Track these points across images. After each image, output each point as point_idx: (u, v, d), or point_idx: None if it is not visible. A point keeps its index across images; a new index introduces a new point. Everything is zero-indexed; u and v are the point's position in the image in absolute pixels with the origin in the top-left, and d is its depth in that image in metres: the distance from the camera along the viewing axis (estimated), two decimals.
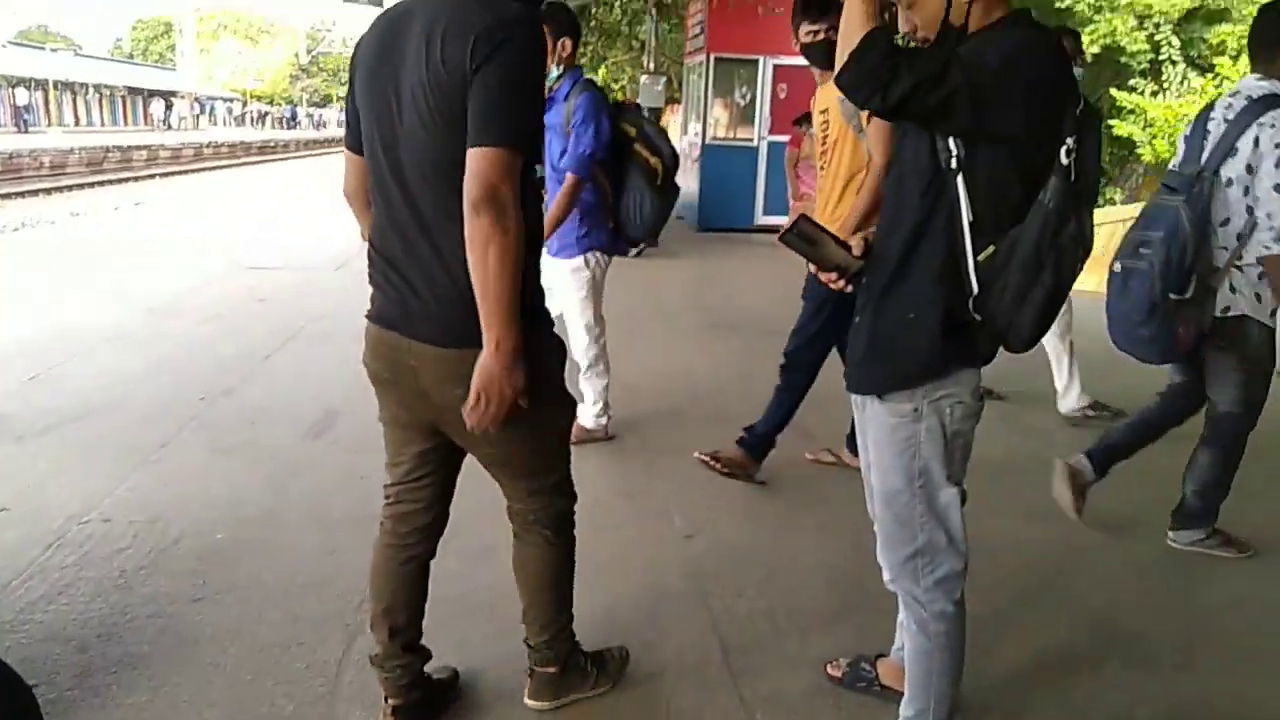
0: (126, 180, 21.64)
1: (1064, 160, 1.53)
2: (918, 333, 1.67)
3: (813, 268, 1.84)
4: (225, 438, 3.76)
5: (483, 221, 1.54)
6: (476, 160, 1.56)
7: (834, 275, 1.79)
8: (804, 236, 1.75)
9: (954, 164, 1.58)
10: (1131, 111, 13.49)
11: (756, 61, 10.84)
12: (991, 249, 1.58)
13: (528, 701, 2.15)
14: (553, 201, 3.38)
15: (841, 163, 3.21)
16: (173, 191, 19.41)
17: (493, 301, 1.58)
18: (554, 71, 3.37)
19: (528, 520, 2.05)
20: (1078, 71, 4.13)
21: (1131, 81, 14.41)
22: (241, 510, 3.09)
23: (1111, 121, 14.50)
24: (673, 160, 3.54)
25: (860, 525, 1.92)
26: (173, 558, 2.75)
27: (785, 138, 10.97)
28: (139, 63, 59.58)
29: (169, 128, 45.67)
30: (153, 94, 50.54)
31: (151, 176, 22.91)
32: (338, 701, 2.12)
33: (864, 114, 2.87)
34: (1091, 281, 2.68)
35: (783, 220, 10.59)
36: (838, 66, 1.58)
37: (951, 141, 1.57)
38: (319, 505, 3.15)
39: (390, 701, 2.01)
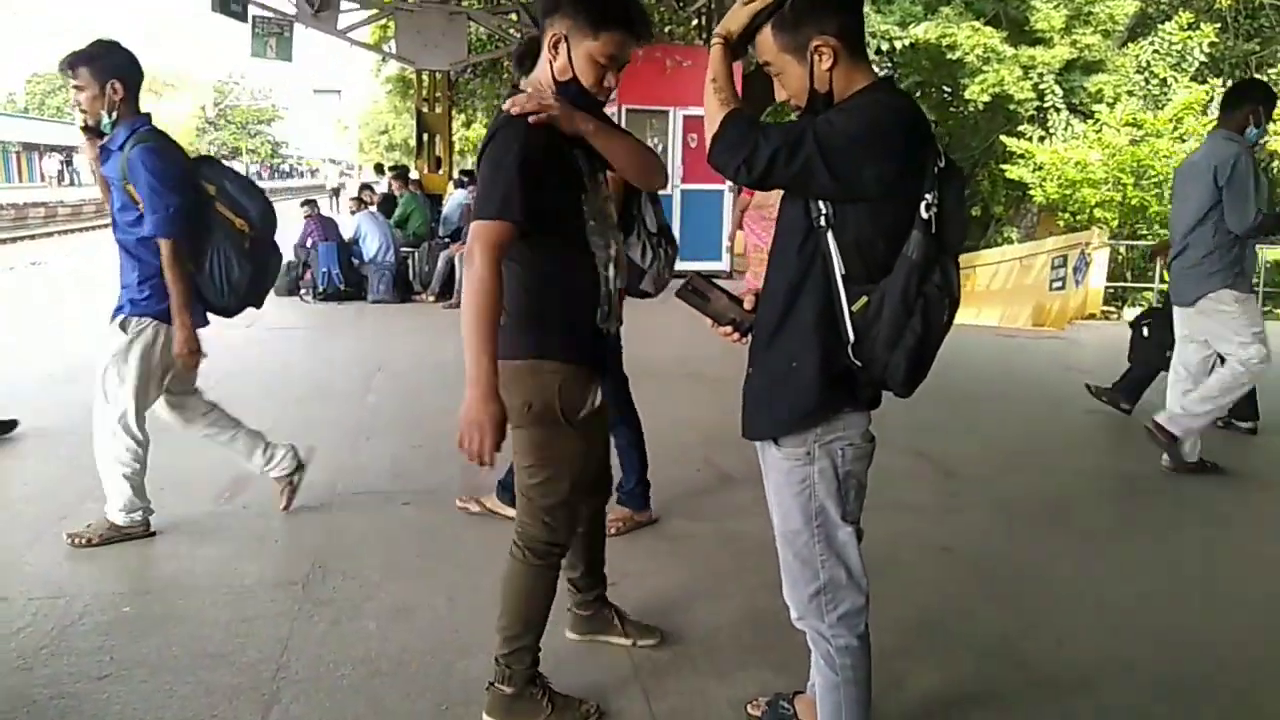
0: (21, 239, 20.78)
1: (924, 215, 1.65)
2: (799, 378, 1.77)
3: (709, 322, 1.93)
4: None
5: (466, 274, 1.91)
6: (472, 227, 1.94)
7: (728, 329, 1.89)
8: (697, 292, 1.84)
9: (823, 221, 1.69)
10: (1022, 156, 14.23)
11: (667, 112, 11.14)
12: (864, 300, 1.69)
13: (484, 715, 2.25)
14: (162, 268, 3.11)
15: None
16: (71, 249, 18.74)
17: (465, 343, 1.90)
18: (105, 119, 3.10)
19: (515, 530, 2.24)
20: (1252, 133, 4.21)
21: (1021, 127, 15.23)
22: (149, 581, 3.01)
23: (1004, 166, 15.29)
24: (264, 220, 3.27)
25: (775, 562, 1.99)
26: (76, 635, 2.65)
27: (698, 185, 11.33)
28: (34, 117, 57.52)
29: (69, 184, 44.04)
30: (49, 149, 48.81)
31: (49, 234, 22.07)
32: None
33: None
34: None
35: (699, 266, 10.85)
36: (707, 145, 1.71)
37: (820, 201, 1.69)
38: (229, 572, 3.08)
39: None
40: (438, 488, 3.86)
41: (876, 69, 1.81)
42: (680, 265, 10.47)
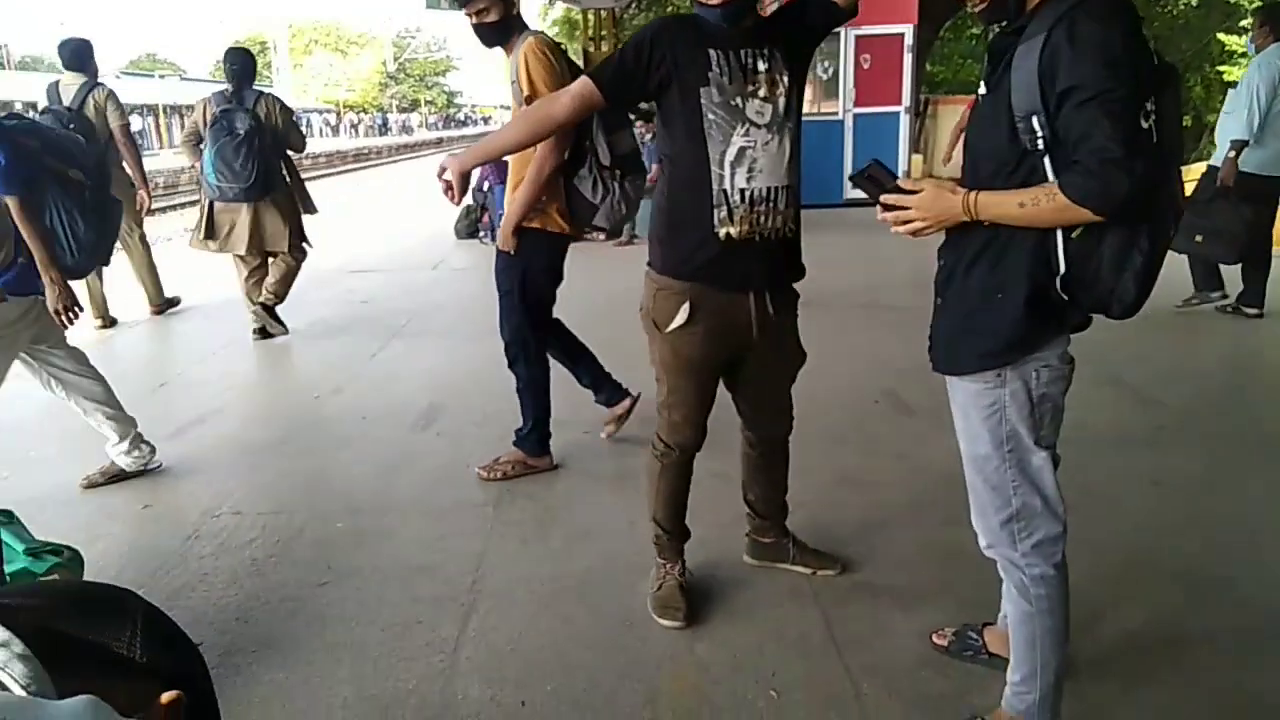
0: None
1: (1144, 124, 1.48)
2: (1004, 310, 1.66)
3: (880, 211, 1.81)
4: (339, 433, 3.97)
5: None
6: None
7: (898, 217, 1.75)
8: (873, 179, 1.76)
9: (1041, 144, 1.55)
10: (1244, 55, 12.67)
11: (838, 33, 10.64)
12: (1082, 227, 1.56)
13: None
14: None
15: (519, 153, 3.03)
16: None
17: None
18: None
19: None
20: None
21: (1244, 22, 13.54)
22: (357, 501, 3.27)
23: (1221, 68, 13.68)
24: (100, 170, 3.14)
25: (956, 496, 1.92)
26: (298, 546, 2.93)
27: (872, 109, 10.83)
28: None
29: None
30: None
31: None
32: (456, 676, 2.24)
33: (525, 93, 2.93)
34: None
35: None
36: (1072, 218, 1.54)
37: (1035, 122, 1.54)
38: (427, 494, 3.31)
39: None
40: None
41: None
42: (854, 194, 10.14)
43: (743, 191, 2.10)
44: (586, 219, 3.17)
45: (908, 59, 10.75)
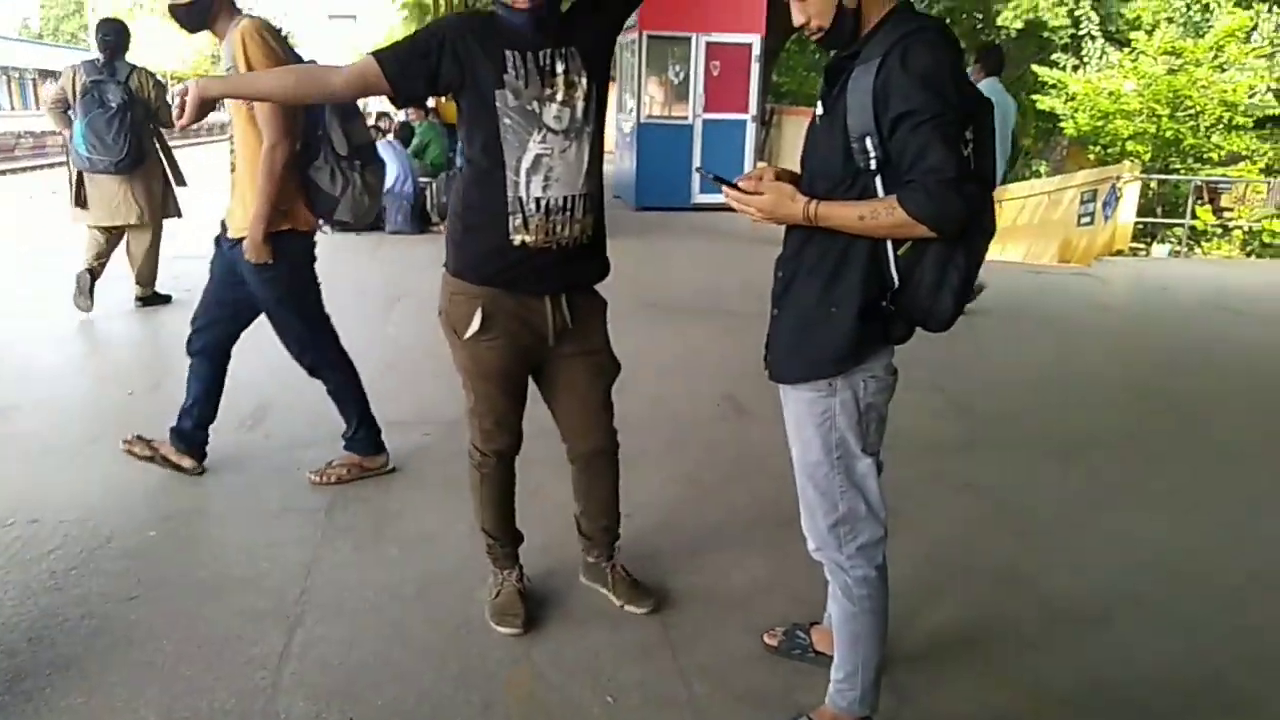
0: (41, 167, 20.76)
1: (963, 151, 1.59)
2: (836, 323, 1.74)
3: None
4: (156, 432, 3.68)
5: None
6: None
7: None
8: (720, 179, 1.82)
9: (873, 165, 1.63)
10: (1054, 86, 13.84)
11: (689, 39, 10.85)
12: (909, 243, 1.65)
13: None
14: None
15: (242, 138, 2.93)
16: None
17: None
18: None
19: None
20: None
21: (1054, 56, 14.80)
22: (174, 506, 3.06)
23: (1035, 96, 14.89)
24: None
25: (790, 498, 1.99)
26: (105, 557, 2.71)
27: (721, 115, 11.10)
28: (50, 43, 56.97)
29: None
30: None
31: (65, 163, 22.03)
32: (279, 693, 2.13)
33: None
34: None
35: (718, 198, 10.69)
36: (899, 230, 1.62)
37: (869, 143, 1.62)
38: (253, 499, 3.13)
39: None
40: (457, 418, 3.85)
41: None
42: (700, 197, 10.32)
43: (538, 200, 2.04)
44: (327, 212, 3.02)
45: (755, 68, 11.09)
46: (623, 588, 2.55)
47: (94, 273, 5.42)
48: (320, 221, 3.12)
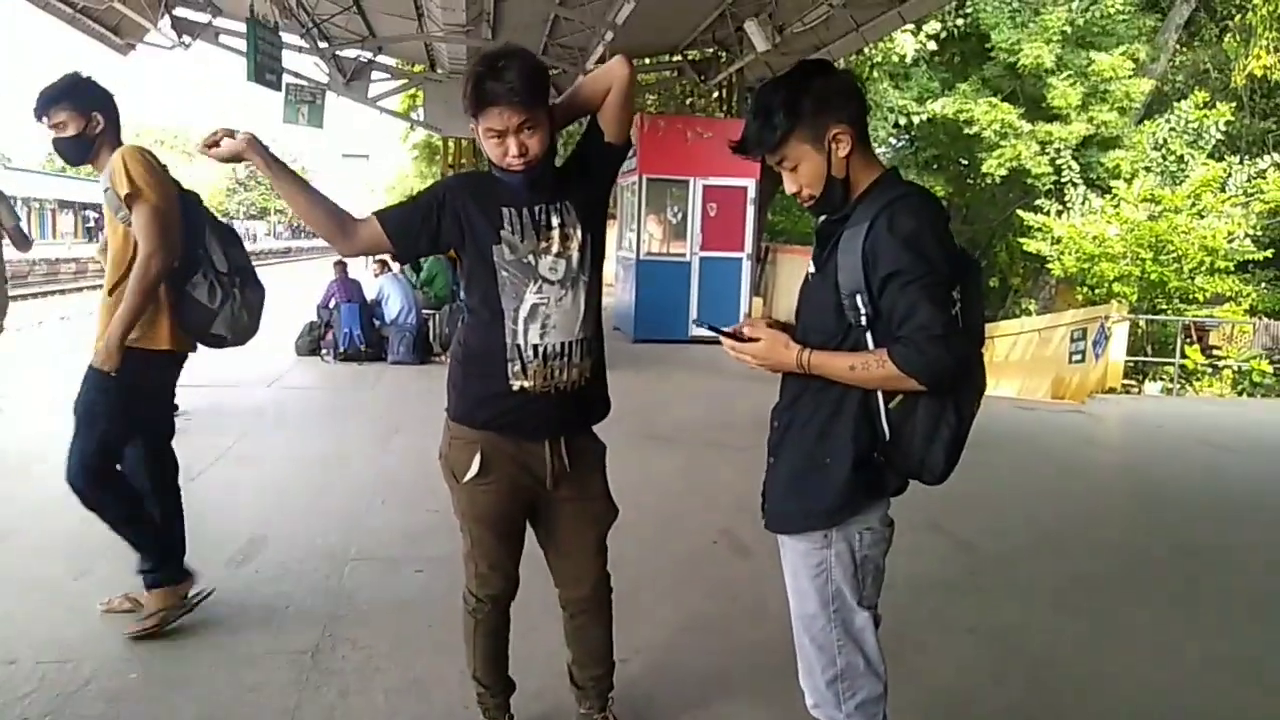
0: (51, 294, 21.18)
1: (952, 310, 1.65)
2: (831, 475, 1.77)
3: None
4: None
5: None
6: None
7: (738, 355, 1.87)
8: (714, 329, 1.90)
9: (863, 321, 1.70)
10: (1039, 230, 14.31)
11: (687, 182, 11.31)
12: (900, 396, 1.69)
13: None
14: None
15: (116, 257, 2.94)
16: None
17: None
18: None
19: None
20: None
21: (1038, 201, 15.37)
22: (157, 647, 2.97)
23: (1021, 239, 15.39)
24: None
25: (788, 642, 1.96)
26: (82, 701, 2.62)
27: (717, 253, 11.43)
28: (71, 176, 59.15)
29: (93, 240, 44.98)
30: (85, 207, 50.03)
31: (79, 289, 22.47)
32: None
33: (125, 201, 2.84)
34: None
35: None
36: (894, 384, 1.68)
37: (859, 300, 1.69)
38: (238, 639, 3.05)
39: None
40: (451, 555, 3.79)
41: (895, 141, 1.85)
42: (697, 332, 10.47)
43: (535, 347, 2.08)
44: (203, 327, 3.01)
45: (750, 210, 11.51)
46: None
47: None
48: (323, 351, 3.11)
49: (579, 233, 2.13)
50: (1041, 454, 6.79)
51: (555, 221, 2.11)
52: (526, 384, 2.09)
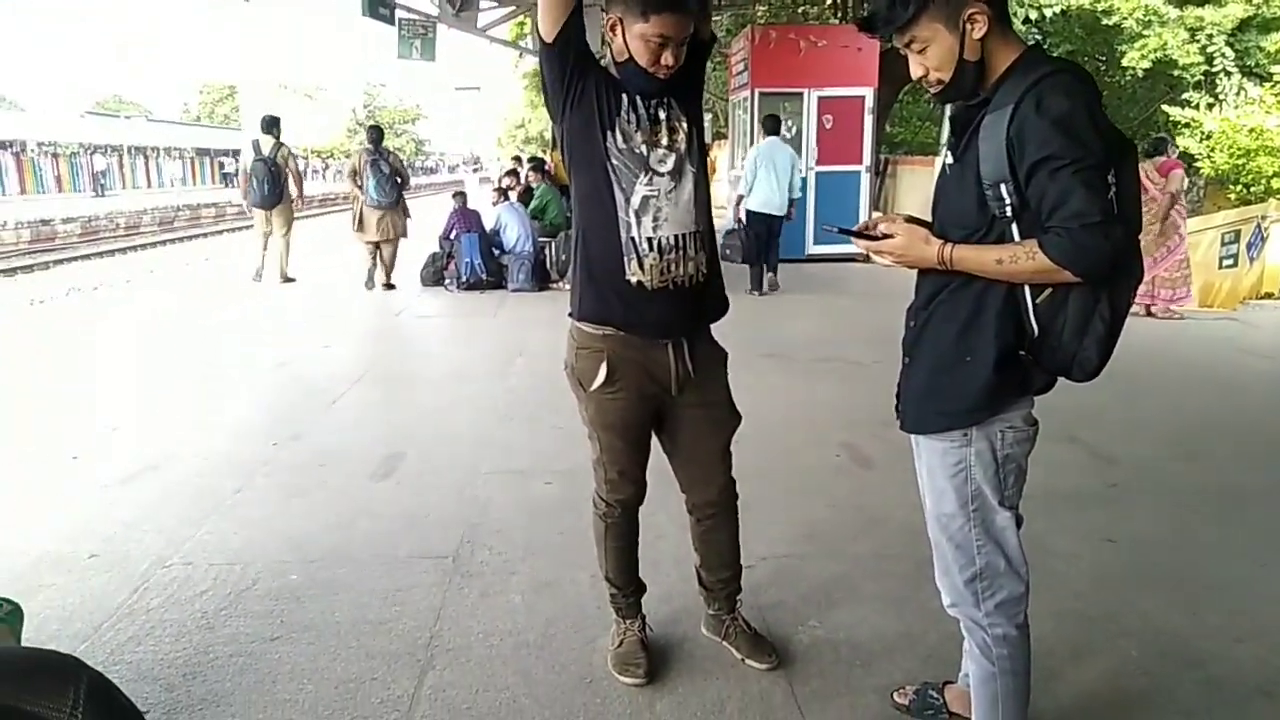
0: (195, 237, 22.50)
1: (1108, 195, 1.53)
2: (972, 372, 1.69)
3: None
4: (296, 481, 3.89)
5: None
6: None
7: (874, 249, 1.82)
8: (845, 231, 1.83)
9: (1009, 211, 1.60)
10: (1187, 126, 13.20)
11: (801, 94, 10.93)
12: (1049, 290, 1.60)
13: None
14: None
15: None
16: (239, 244, 20.15)
17: None
18: None
19: None
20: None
21: (1185, 95, 14.14)
22: (313, 551, 3.20)
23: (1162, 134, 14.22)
24: None
25: (918, 551, 1.93)
26: (250, 599, 2.85)
27: (834, 167, 11.06)
28: (206, 124, 62.09)
29: (229, 185, 47.24)
30: (219, 153, 52.62)
31: (219, 232, 23.78)
32: None
33: None
34: None
35: (836, 249, 10.60)
36: (1053, 277, 1.58)
37: (1004, 190, 1.59)
38: (385, 545, 3.24)
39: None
40: (576, 468, 3.92)
41: (1024, 38, 1.71)
42: (814, 249, 10.39)
43: (650, 240, 2.08)
44: None
45: (868, 120, 11.06)
46: (743, 641, 2.50)
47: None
48: (447, 281, 3.10)
49: (684, 125, 2.14)
50: (1188, 363, 6.38)
51: (663, 115, 2.12)
52: (644, 278, 2.10)
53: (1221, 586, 2.92)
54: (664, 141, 2.11)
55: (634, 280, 2.10)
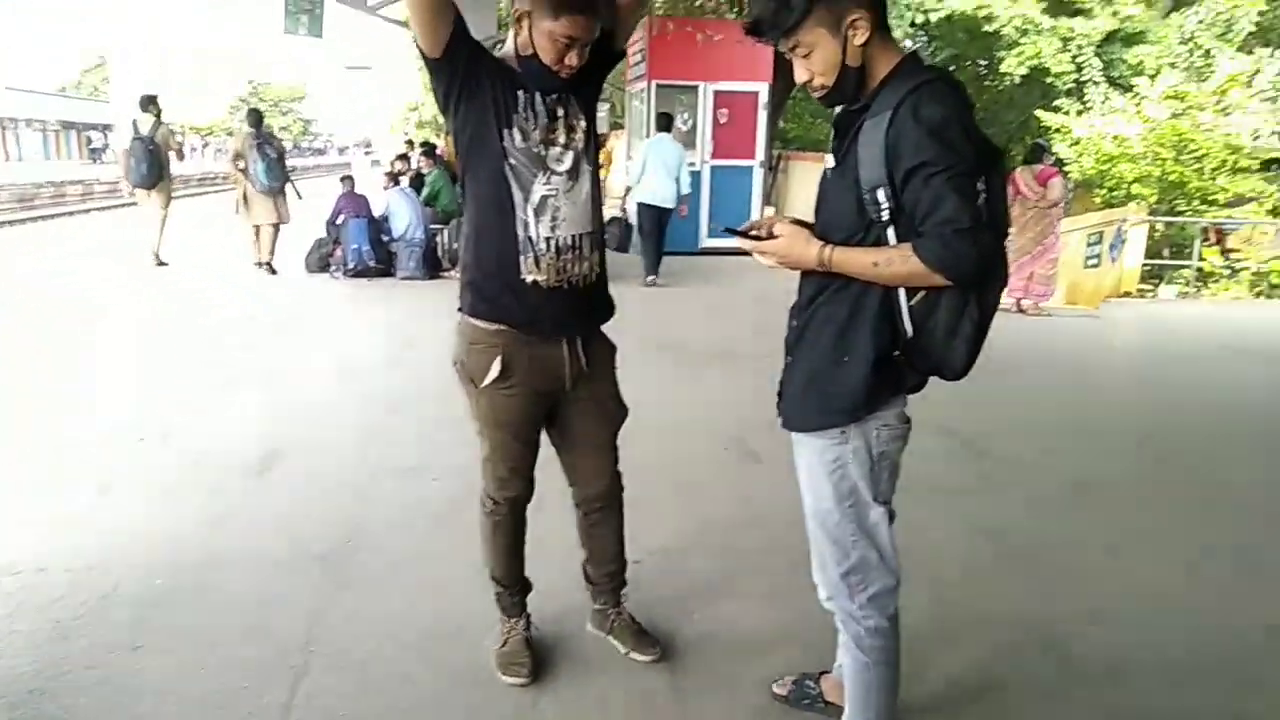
0: (59, 216, 21.06)
1: (977, 201, 1.59)
2: (849, 372, 1.74)
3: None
4: (165, 480, 3.70)
5: None
6: None
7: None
8: (732, 231, 1.86)
9: (886, 216, 1.64)
10: (1058, 131, 13.94)
11: (697, 88, 11.02)
12: (923, 293, 1.65)
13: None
14: None
15: None
16: (107, 227, 18.98)
17: None
18: None
19: None
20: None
21: (1058, 102, 14.92)
22: (182, 555, 3.04)
23: (1040, 139, 14.98)
24: None
25: (800, 545, 1.98)
26: (111, 606, 2.69)
27: (729, 162, 11.20)
28: (74, 96, 58.18)
29: (97, 162, 44.46)
30: (87, 127, 49.43)
31: (87, 211, 22.32)
32: None
33: None
34: None
35: (725, 243, 10.73)
36: (917, 279, 1.63)
37: (881, 194, 1.63)
38: (261, 546, 3.11)
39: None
40: (465, 464, 3.84)
41: (911, 42, 1.76)
42: (708, 242, 10.53)
43: (548, 240, 2.08)
44: None
45: (762, 115, 11.24)
46: (628, 635, 2.52)
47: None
48: (333, 268, 3.00)
49: (582, 123, 2.13)
50: (1055, 359, 6.76)
51: (560, 112, 2.09)
52: (539, 277, 2.09)
53: (1076, 574, 3.10)
54: (561, 139, 2.09)
55: (529, 279, 2.09)
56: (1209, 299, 11.37)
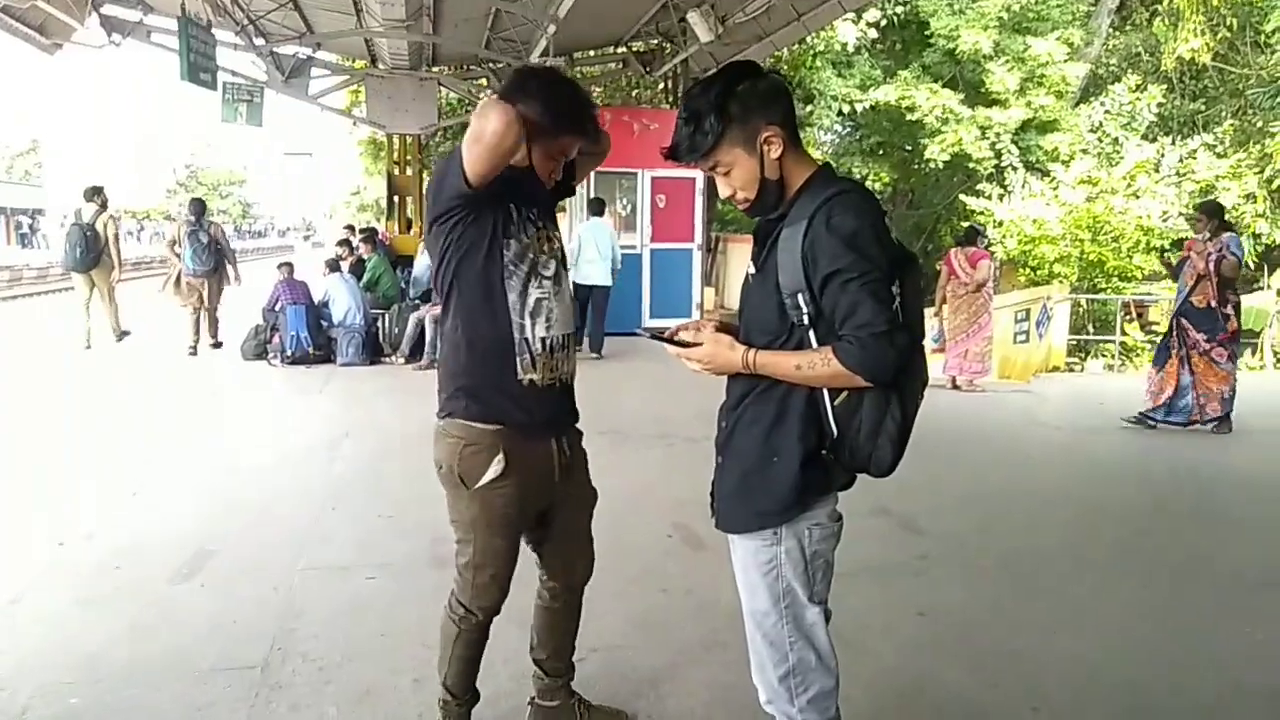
0: None
1: (892, 305, 1.66)
2: (779, 473, 1.77)
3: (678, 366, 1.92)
4: (85, 586, 3.53)
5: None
6: None
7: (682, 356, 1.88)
8: (658, 337, 1.92)
9: (806, 320, 1.71)
10: (981, 214, 14.55)
11: (636, 174, 11.28)
12: (846, 393, 1.71)
13: None
14: None
15: None
16: (35, 312, 18.45)
17: None
18: None
19: None
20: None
21: (980, 185, 15.61)
22: (101, 669, 2.89)
23: (964, 223, 15.60)
24: None
25: (743, 636, 1.97)
26: None
27: (667, 245, 11.42)
28: (4, 180, 57.07)
29: (27, 246, 43.36)
30: (16, 211, 48.38)
31: (15, 297, 21.70)
32: None
33: None
34: None
35: (669, 322, 10.86)
36: (840, 379, 1.69)
37: (801, 299, 1.70)
38: (185, 657, 2.98)
39: None
40: (404, 560, 3.79)
41: (839, 129, 1.86)
42: (651, 322, 10.59)
43: (543, 340, 2.16)
44: None
45: (699, 200, 11.54)
46: (599, 715, 2.56)
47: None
48: (270, 355, 2.96)
49: (554, 231, 2.27)
50: (989, 434, 6.92)
51: (541, 224, 2.22)
52: (535, 376, 2.16)
53: (1016, 655, 3.13)
54: (545, 247, 2.21)
55: (526, 380, 2.16)
56: (1134, 371, 11.80)
